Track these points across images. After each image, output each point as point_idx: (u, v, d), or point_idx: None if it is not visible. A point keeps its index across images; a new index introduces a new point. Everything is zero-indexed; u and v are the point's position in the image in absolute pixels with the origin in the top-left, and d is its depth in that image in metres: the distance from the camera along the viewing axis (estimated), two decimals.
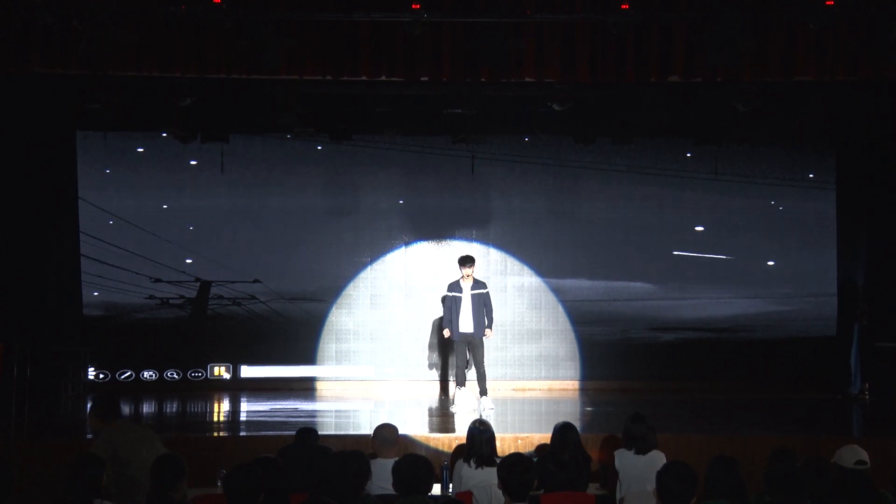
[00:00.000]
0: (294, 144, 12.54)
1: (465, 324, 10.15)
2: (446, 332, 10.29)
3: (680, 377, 12.38)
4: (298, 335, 12.58)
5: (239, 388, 12.14)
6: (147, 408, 11.03)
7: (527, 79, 9.52)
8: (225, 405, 11.20)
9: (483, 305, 10.16)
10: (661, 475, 4.37)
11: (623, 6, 8.80)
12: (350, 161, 12.71)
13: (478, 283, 10.29)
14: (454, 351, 10.55)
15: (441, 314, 10.63)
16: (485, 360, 10.28)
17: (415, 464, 4.84)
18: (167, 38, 9.12)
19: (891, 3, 8.81)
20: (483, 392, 10.19)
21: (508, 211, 12.78)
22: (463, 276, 10.27)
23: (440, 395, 11.88)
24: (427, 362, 12.52)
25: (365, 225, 12.73)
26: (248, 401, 11.35)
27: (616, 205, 12.76)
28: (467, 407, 10.11)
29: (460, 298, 10.19)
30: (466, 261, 10.33)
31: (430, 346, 12.49)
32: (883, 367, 11.42)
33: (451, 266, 12.26)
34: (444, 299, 10.49)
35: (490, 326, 10.23)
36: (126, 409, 10.94)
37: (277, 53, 8.97)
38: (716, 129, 12.11)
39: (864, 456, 5.29)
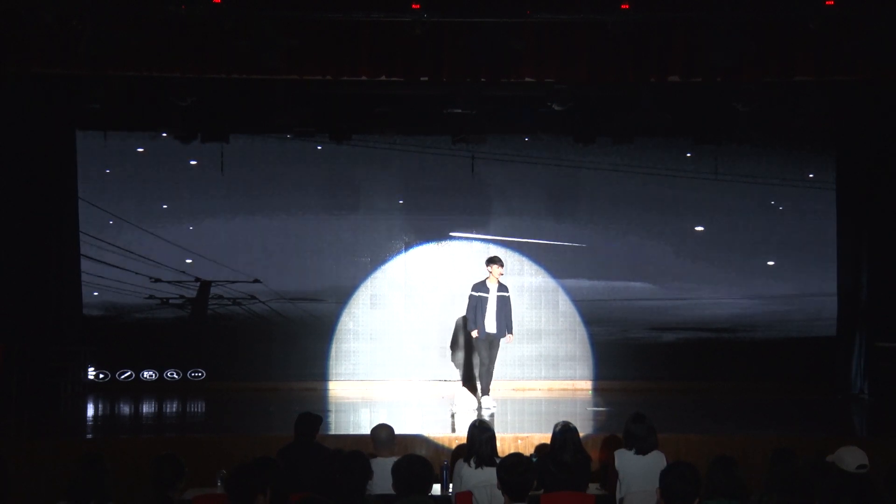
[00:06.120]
0: (294, 144, 12.53)
1: (490, 324, 10.26)
2: (475, 333, 10.31)
3: (680, 377, 12.36)
4: (298, 335, 12.56)
5: (238, 389, 12.11)
6: (147, 408, 11.03)
7: (527, 79, 9.52)
8: (225, 405, 11.18)
9: (506, 308, 10.23)
10: (665, 475, 4.36)
11: (623, 6, 8.80)
12: (350, 161, 12.69)
13: (502, 286, 10.35)
14: (476, 350, 10.56)
15: (463, 313, 10.56)
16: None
17: (414, 463, 4.85)
18: (167, 38, 9.11)
19: (891, 3, 8.81)
20: (485, 391, 10.23)
21: (508, 211, 12.76)
22: (489, 277, 10.31)
23: (468, 395, 11.70)
24: (452, 362, 12.46)
25: (365, 225, 12.73)
26: (247, 401, 11.34)
27: (616, 205, 12.73)
28: (468, 407, 10.11)
29: (486, 299, 10.27)
30: (495, 261, 10.38)
31: (453, 346, 12.42)
32: (883, 367, 11.41)
33: (451, 266, 12.31)
34: (469, 298, 10.48)
35: (511, 331, 10.31)
36: (126, 409, 10.98)
37: (277, 53, 8.97)
38: (716, 129, 12.11)
39: (865, 459, 5.29)
